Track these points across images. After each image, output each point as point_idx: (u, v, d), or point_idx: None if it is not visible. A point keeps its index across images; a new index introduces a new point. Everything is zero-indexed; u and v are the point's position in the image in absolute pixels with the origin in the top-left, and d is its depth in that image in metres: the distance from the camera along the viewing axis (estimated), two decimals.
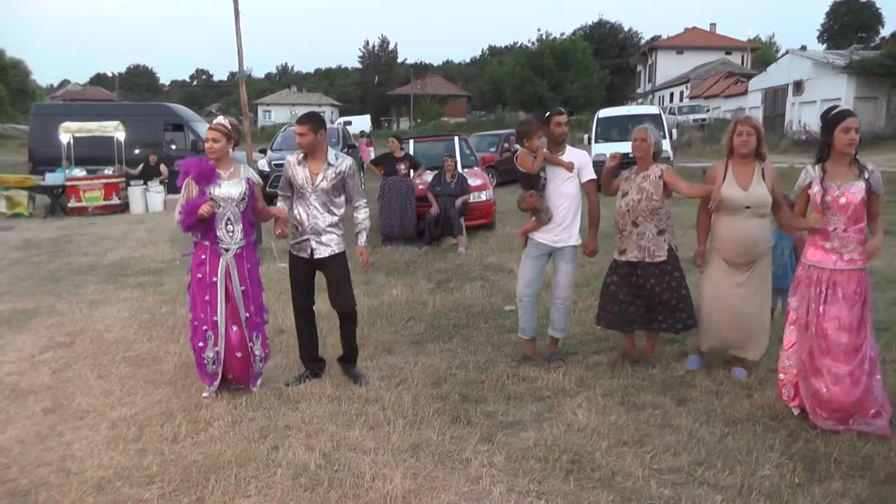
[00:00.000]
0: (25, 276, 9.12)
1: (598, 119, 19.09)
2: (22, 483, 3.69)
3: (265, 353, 4.93)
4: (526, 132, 5.09)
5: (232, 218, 4.69)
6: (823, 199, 4.02)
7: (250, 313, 4.79)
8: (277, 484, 3.58)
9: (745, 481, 3.51)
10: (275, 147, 17.84)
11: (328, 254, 4.87)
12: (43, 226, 14.51)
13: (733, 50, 57.39)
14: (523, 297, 5.32)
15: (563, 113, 5.29)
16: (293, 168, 4.87)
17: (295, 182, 4.86)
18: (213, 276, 4.68)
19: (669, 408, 4.44)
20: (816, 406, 4.08)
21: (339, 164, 4.86)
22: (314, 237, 4.84)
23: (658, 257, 5.00)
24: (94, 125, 16.91)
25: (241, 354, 4.76)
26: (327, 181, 4.80)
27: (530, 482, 3.57)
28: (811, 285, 4.13)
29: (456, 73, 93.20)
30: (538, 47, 50.82)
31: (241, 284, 4.74)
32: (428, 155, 12.40)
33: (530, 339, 5.41)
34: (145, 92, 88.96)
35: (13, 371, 5.40)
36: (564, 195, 5.15)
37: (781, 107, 35.57)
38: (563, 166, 5.13)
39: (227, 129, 4.68)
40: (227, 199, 4.65)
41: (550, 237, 5.19)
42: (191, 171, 4.64)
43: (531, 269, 5.29)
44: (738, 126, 4.73)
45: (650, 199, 4.95)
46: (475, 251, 9.89)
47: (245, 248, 4.78)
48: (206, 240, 4.70)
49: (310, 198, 4.82)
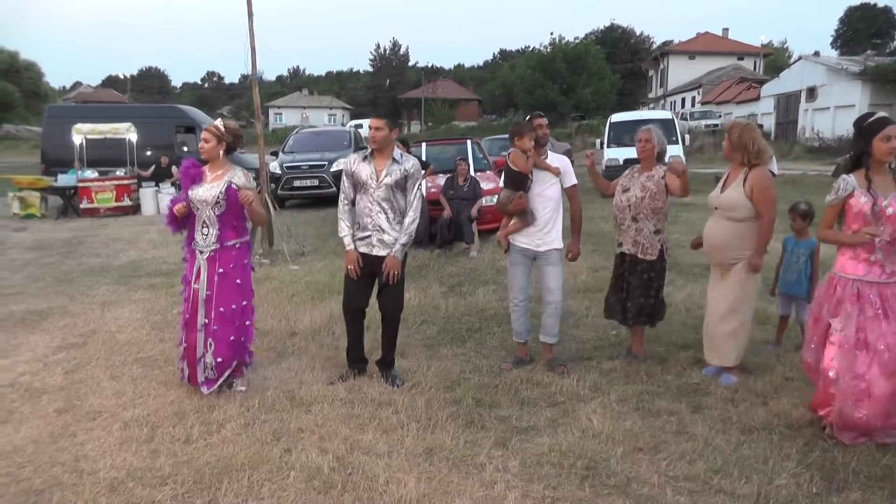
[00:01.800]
0: (38, 277, 9.15)
1: (610, 123, 19.07)
2: (36, 483, 3.69)
3: (217, 361, 4.75)
4: (517, 132, 5.13)
5: (207, 221, 4.70)
6: (873, 210, 3.81)
7: (209, 320, 4.73)
8: (291, 486, 3.57)
9: (762, 490, 3.47)
10: (287, 150, 17.87)
11: (386, 253, 4.85)
12: (55, 227, 14.57)
13: (746, 55, 57.20)
14: (519, 302, 5.37)
15: (542, 116, 5.44)
16: (355, 166, 4.88)
17: (358, 179, 4.86)
18: (189, 275, 4.78)
19: (685, 415, 4.40)
20: (844, 426, 3.94)
21: (404, 162, 4.88)
22: (376, 234, 4.84)
23: (649, 255, 5.18)
24: (106, 127, 17.01)
25: (189, 357, 4.80)
26: (391, 178, 4.80)
27: (545, 488, 3.54)
28: (858, 302, 3.88)
29: (467, 77, 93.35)
30: (550, 51, 50.81)
31: (208, 289, 4.71)
32: (440, 158, 12.39)
33: (524, 343, 5.45)
34: (156, 94, 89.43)
35: (27, 371, 5.41)
36: (547, 198, 5.18)
37: (794, 113, 35.44)
38: (550, 170, 5.17)
39: (220, 132, 4.73)
40: (201, 202, 4.67)
41: (533, 241, 5.22)
42: (181, 170, 4.78)
43: (520, 275, 5.34)
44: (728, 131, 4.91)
45: (654, 199, 5.13)
46: (487, 255, 9.86)
47: (219, 251, 4.72)
48: (187, 240, 4.83)
49: (374, 194, 4.82)
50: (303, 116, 66.46)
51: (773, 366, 5.18)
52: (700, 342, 5.64)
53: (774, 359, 5.34)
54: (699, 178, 15.69)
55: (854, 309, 3.89)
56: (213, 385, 4.83)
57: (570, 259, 5.44)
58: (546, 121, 5.42)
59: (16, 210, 16.14)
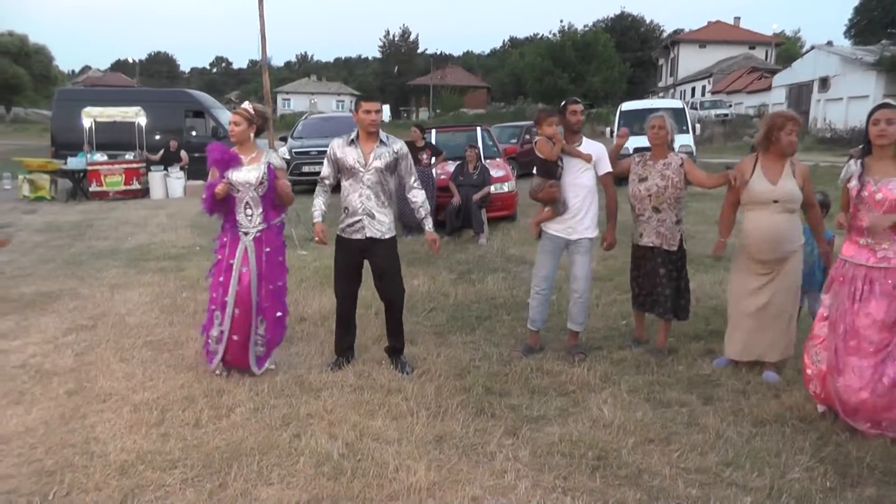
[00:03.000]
0: (48, 259, 9.17)
1: (620, 112, 18.93)
2: (48, 464, 3.69)
3: (267, 338, 4.87)
4: (538, 119, 5.08)
5: (250, 202, 4.72)
6: (860, 194, 3.95)
7: (260, 298, 4.79)
8: (300, 472, 3.56)
9: (775, 483, 3.44)
10: (296, 135, 17.84)
11: (379, 235, 4.83)
12: (65, 209, 14.61)
13: (757, 45, 56.78)
14: (540, 290, 5.30)
15: (578, 102, 5.25)
16: (341, 150, 4.82)
17: (345, 164, 4.79)
18: (230, 258, 4.75)
19: (696, 406, 4.37)
20: (840, 405, 3.99)
21: (391, 143, 4.85)
22: (367, 217, 4.80)
23: (672, 246, 5.08)
24: (115, 111, 17.02)
25: (237, 338, 4.76)
26: (381, 161, 4.77)
27: (556, 478, 3.52)
28: (845, 282, 4.04)
29: (476, 65, 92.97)
30: (560, 39, 50.47)
31: (258, 268, 4.75)
32: (449, 145, 12.32)
33: (536, 332, 5.41)
34: (165, 79, 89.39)
35: (37, 353, 5.42)
36: (580, 186, 5.10)
37: (806, 104, 35.14)
38: (581, 157, 5.08)
39: (250, 115, 4.75)
40: (244, 184, 4.68)
41: (564, 228, 5.15)
42: (213, 156, 4.71)
43: (547, 263, 5.26)
44: (790, 125, 4.58)
45: (675, 188, 5.00)
46: (497, 243, 9.82)
47: (265, 231, 4.80)
48: (228, 223, 4.78)
49: (363, 178, 4.77)
50: (311, 102, 66.26)
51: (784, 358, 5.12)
52: (712, 333, 5.66)
53: None
54: (709, 169, 15.57)
55: (840, 288, 4.06)
56: (264, 364, 4.89)
57: (606, 248, 5.34)
58: (581, 107, 5.22)
59: (26, 193, 16.20)
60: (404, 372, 4.92)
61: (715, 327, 5.80)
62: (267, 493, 3.39)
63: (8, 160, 21.72)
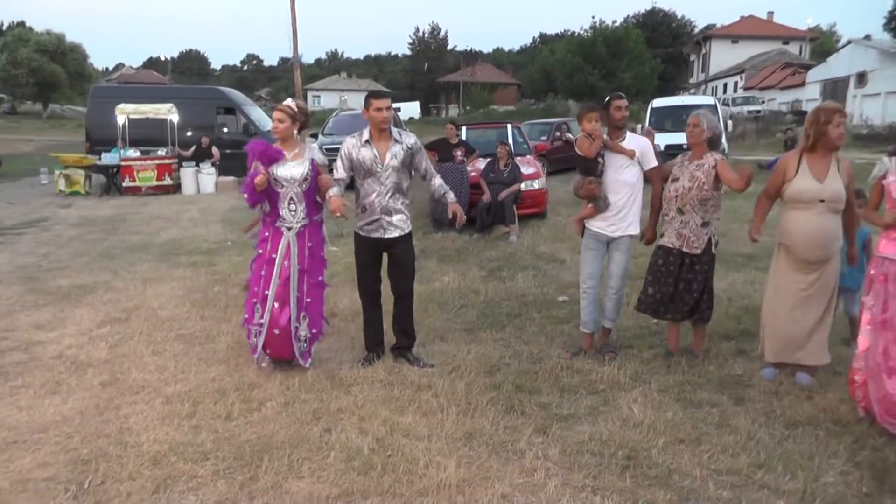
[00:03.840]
0: (83, 253, 9.33)
1: (651, 109, 18.77)
2: (83, 452, 3.76)
3: (312, 333, 4.92)
4: (579, 115, 5.03)
5: (294, 198, 4.76)
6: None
7: (301, 293, 4.81)
8: (331, 466, 3.57)
9: (808, 487, 3.37)
10: (326, 132, 17.91)
11: (398, 235, 4.90)
12: (98, 204, 14.84)
13: (791, 39, 55.91)
14: (587, 289, 5.19)
15: (622, 97, 5.14)
16: (356, 150, 4.82)
17: (363, 164, 4.81)
18: (272, 252, 4.78)
19: (727, 407, 4.31)
20: (884, 410, 3.88)
21: (405, 140, 4.87)
22: (385, 217, 4.85)
23: (695, 249, 4.88)
24: (148, 107, 17.23)
25: (278, 332, 4.78)
26: (397, 159, 4.80)
27: (585, 477, 3.49)
28: (887, 281, 3.94)
29: (506, 61, 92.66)
30: (591, 35, 50.06)
31: (299, 263, 4.78)
32: (480, 142, 12.30)
33: (590, 334, 5.25)
34: (196, 76, 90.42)
35: (73, 344, 5.52)
36: (622, 183, 5.01)
37: (842, 99, 34.46)
38: (624, 153, 4.99)
39: (293, 111, 4.79)
40: (289, 180, 4.71)
41: (607, 225, 5.07)
42: (256, 153, 4.70)
43: (592, 260, 5.18)
44: (837, 116, 4.35)
45: (701, 189, 4.81)
46: (527, 240, 9.77)
47: (308, 226, 4.84)
48: (271, 218, 4.81)
49: (381, 177, 4.80)
50: (341, 100, 66.66)
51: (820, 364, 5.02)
52: (743, 333, 5.59)
53: None
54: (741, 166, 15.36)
55: (882, 287, 3.95)
56: (309, 358, 4.93)
57: (646, 243, 5.26)
58: (625, 102, 5.12)
59: (62, 187, 16.49)
60: (419, 365, 4.95)
61: (746, 327, 5.72)
62: (298, 486, 3.41)
63: (45, 156, 22.13)
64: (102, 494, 3.37)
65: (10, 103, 57.53)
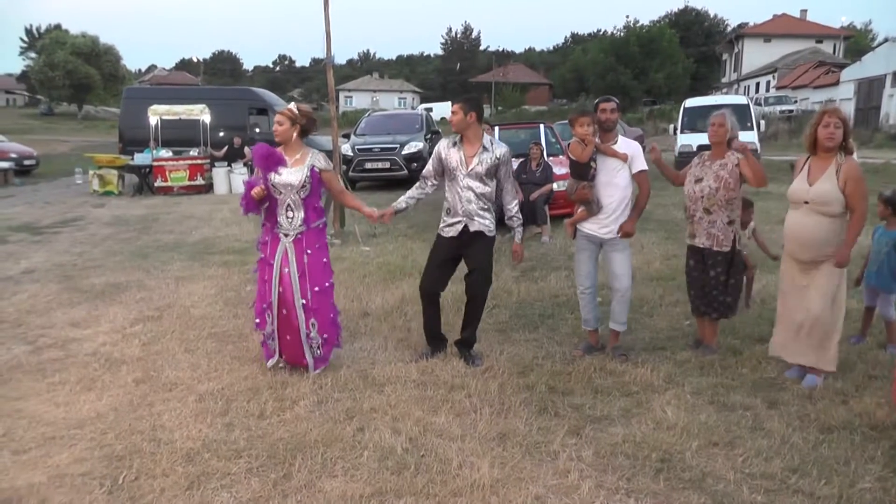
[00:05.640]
0: (116, 252, 9.46)
1: (684, 108, 18.57)
2: (118, 449, 3.79)
3: (323, 338, 4.83)
4: (570, 120, 5.01)
5: (292, 204, 4.70)
6: None
7: (307, 299, 4.74)
8: (364, 466, 3.56)
9: (844, 493, 3.28)
10: (358, 132, 17.99)
11: (484, 229, 4.91)
12: (131, 204, 15.06)
13: (825, 38, 54.98)
14: (585, 289, 5.23)
15: (610, 100, 5.14)
16: (446, 151, 4.92)
17: (448, 165, 4.89)
18: (271, 258, 4.74)
19: (761, 410, 4.22)
20: None
21: (494, 149, 4.89)
22: (467, 219, 4.88)
23: (724, 247, 4.98)
24: (180, 108, 17.45)
25: (290, 338, 4.77)
26: (482, 165, 4.83)
27: (619, 479, 3.44)
28: None
29: (538, 61, 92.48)
30: (624, 35, 49.75)
31: (298, 270, 4.72)
32: (512, 142, 12.21)
33: (593, 330, 5.32)
34: (228, 77, 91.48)
35: (107, 342, 5.58)
36: (615, 186, 5.00)
37: (877, 99, 33.71)
38: (616, 156, 4.98)
39: (293, 115, 4.72)
40: (286, 186, 4.65)
41: (599, 228, 5.06)
42: (258, 156, 4.70)
43: (586, 261, 5.20)
44: (825, 117, 4.39)
45: (727, 189, 4.89)
46: (559, 241, 9.69)
47: (305, 233, 4.75)
48: (269, 223, 4.78)
49: (462, 181, 4.85)
50: (373, 100, 67.01)
51: (853, 362, 4.91)
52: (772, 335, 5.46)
53: (856, 355, 5.06)
54: (773, 167, 15.13)
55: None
56: (323, 364, 4.89)
57: (621, 236, 5.14)
58: (612, 105, 5.11)
59: (95, 187, 16.78)
60: (474, 364, 4.95)
61: None
62: (331, 485, 3.39)
63: (80, 156, 22.52)
64: (136, 490, 3.38)
65: (48, 105, 58.72)
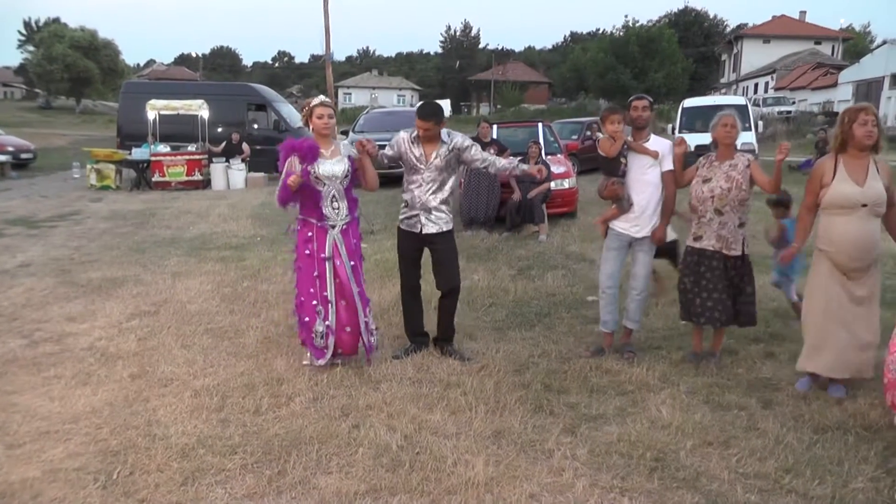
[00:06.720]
0: (113, 246, 9.44)
1: (682, 109, 18.60)
2: (112, 444, 3.78)
3: (374, 328, 5.00)
4: (602, 116, 5.03)
5: (337, 195, 4.74)
6: None
7: (361, 288, 4.85)
8: (359, 462, 3.56)
9: (837, 493, 3.29)
10: (357, 129, 17.95)
11: (436, 231, 4.97)
12: (129, 198, 15.03)
13: (823, 39, 55.12)
14: (606, 288, 5.17)
15: (643, 98, 5.11)
16: (406, 145, 4.99)
17: (409, 160, 4.97)
18: (321, 252, 4.72)
19: (755, 410, 4.24)
20: None
21: (451, 140, 4.95)
22: (423, 213, 4.95)
23: (734, 251, 4.83)
24: (179, 103, 17.35)
25: (350, 329, 4.80)
26: (441, 158, 4.91)
27: (614, 478, 3.45)
28: None
29: (537, 60, 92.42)
30: (624, 34, 49.73)
31: (351, 260, 4.78)
32: (511, 141, 12.24)
33: (610, 333, 5.25)
34: (227, 73, 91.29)
35: (103, 336, 5.57)
36: (646, 183, 4.98)
37: (875, 101, 33.75)
38: (647, 153, 4.96)
39: (335, 108, 4.77)
40: (331, 177, 4.69)
41: (630, 226, 5.04)
42: (295, 149, 4.66)
43: (613, 260, 5.15)
44: (862, 115, 4.19)
45: (740, 190, 4.78)
46: (556, 239, 9.70)
47: (350, 223, 4.84)
48: (312, 217, 4.74)
49: (423, 174, 4.93)
50: (372, 97, 66.95)
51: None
52: (772, 336, 5.55)
53: None
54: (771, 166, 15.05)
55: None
56: (373, 351, 5.00)
57: (656, 243, 5.17)
58: (644, 103, 5.07)
59: (93, 181, 16.74)
60: (462, 359, 4.98)
61: (774, 330, 5.67)
62: (326, 481, 3.39)
63: (78, 150, 22.49)
64: (131, 485, 3.38)
65: (46, 98, 58.54)
